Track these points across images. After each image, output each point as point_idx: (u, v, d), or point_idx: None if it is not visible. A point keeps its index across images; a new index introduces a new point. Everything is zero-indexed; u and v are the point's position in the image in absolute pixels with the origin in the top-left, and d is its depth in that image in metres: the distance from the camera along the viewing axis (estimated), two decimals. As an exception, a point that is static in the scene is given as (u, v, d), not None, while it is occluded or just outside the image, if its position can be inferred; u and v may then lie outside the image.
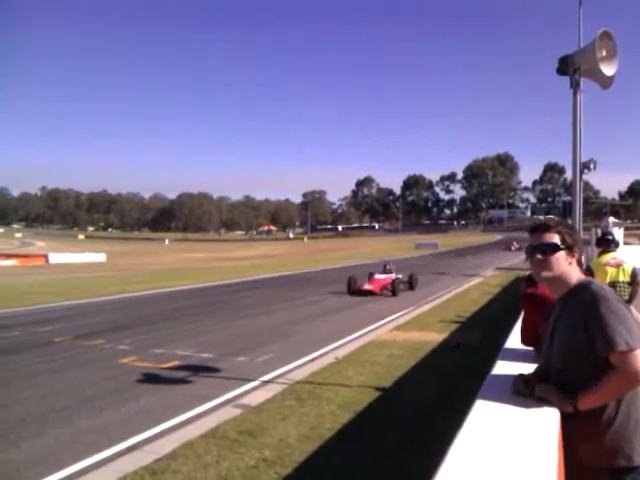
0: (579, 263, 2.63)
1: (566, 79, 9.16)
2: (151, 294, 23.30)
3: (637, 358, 2.20)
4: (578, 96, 9.12)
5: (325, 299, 20.27)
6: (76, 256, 60.19)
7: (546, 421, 2.22)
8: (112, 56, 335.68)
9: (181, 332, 13.47)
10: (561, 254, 2.53)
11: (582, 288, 2.46)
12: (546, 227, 2.60)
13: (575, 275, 2.55)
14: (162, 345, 11.55)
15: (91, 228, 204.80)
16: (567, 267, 2.54)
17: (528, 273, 3.81)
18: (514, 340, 4.23)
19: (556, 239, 2.55)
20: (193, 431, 6.41)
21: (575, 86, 9.08)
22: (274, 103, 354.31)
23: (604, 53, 8.70)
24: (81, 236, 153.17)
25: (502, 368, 3.17)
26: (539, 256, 2.56)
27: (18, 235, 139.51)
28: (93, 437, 6.37)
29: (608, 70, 8.78)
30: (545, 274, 2.56)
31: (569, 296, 2.52)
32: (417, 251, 69.37)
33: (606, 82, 8.98)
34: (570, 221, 10.48)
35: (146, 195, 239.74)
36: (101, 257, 61.43)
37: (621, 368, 2.23)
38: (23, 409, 7.49)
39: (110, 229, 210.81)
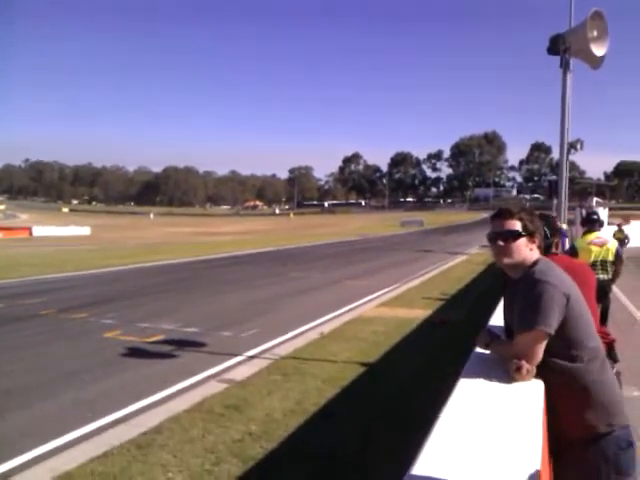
0: (539, 248, 2.69)
1: (556, 58, 9.16)
2: (136, 268, 23.21)
3: (526, 336, 2.41)
4: (568, 76, 9.13)
5: (310, 275, 20.29)
6: (61, 229, 59.85)
7: (530, 396, 2.24)
8: (100, 27, 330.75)
9: (166, 306, 13.46)
10: (522, 241, 2.60)
11: (531, 271, 2.55)
12: (508, 214, 2.66)
13: (532, 259, 2.62)
14: (147, 319, 11.54)
15: (75, 201, 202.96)
16: (528, 253, 2.62)
17: None
18: (498, 317, 4.26)
19: (518, 226, 2.62)
20: (179, 405, 6.44)
21: (565, 66, 9.08)
22: (260, 77, 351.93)
23: (595, 33, 8.68)
24: (65, 209, 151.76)
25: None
26: (500, 243, 2.63)
27: (1, 207, 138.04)
28: (78, 410, 6.38)
29: (599, 50, 8.77)
30: (506, 260, 2.64)
31: (521, 279, 2.60)
32: (403, 228, 69.52)
33: (596, 62, 8.97)
34: (556, 200, 10.55)
35: (131, 168, 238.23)
36: (86, 230, 61.14)
37: (515, 342, 2.47)
38: (8, 382, 7.48)
39: (95, 202, 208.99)
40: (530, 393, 2.28)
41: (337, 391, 6.87)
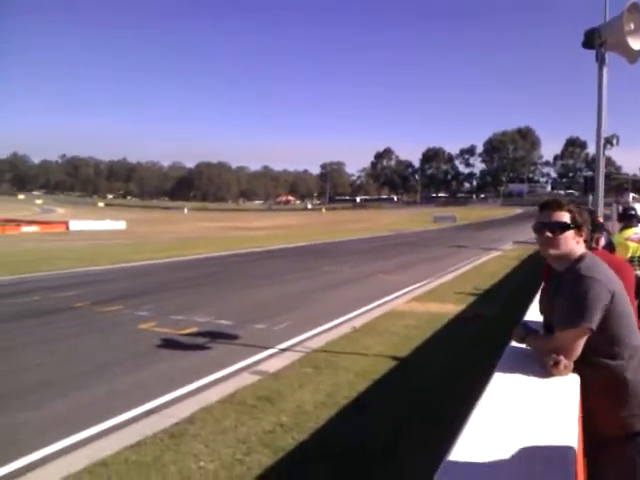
0: (585, 241, 2.67)
1: (592, 53, 8.98)
2: (170, 262, 23.47)
3: (568, 332, 2.40)
4: (603, 70, 8.94)
5: (342, 270, 20.26)
6: (96, 223, 60.70)
7: (566, 393, 2.21)
8: (133, 24, 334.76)
9: (199, 299, 13.59)
10: (569, 233, 2.58)
11: (577, 267, 2.52)
12: (557, 205, 2.65)
13: (579, 252, 2.59)
14: (181, 311, 11.66)
15: (111, 196, 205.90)
16: (574, 246, 2.59)
17: None
18: (534, 312, 4.21)
19: (566, 218, 2.59)
20: (211, 396, 6.50)
21: (601, 60, 8.90)
22: (292, 74, 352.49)
23: (632, 26, 8.49)
24: (101, 204, 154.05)
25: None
26: (548, 234, 2.61)
27: (38, 202, 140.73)
28: (112, 400, 6.48)
29: (636, 44, 8.57)
30: (552, 251, 2.62)
31: (566, 272, 2.57)
32: (435, 224, 69.06)
33: (633, 56, 8.77)
34: (592, 196, 10.37)
35: (165, 164, 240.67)
36: (121, 225, 61.85)
37: (555, 336, 2.46)
38: (44, 373, 7.63)
39: (129, 197, 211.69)
40: (566, 389, 2.25)
41: (368, 384, 6.86)
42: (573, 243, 2.58)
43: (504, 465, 1.58)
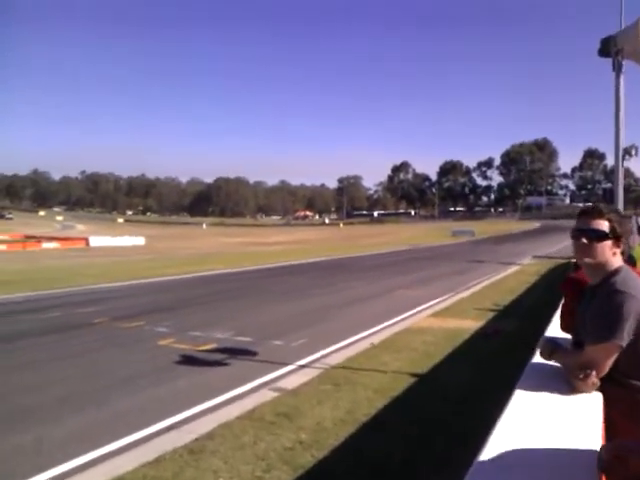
0: (623, 253, 2.57)
1: (608, 61, 8.93)
2: (189, 278, 23.58)
3: (598, 348, 2.35)
4: (620, 79, 8.89)
5: (361, 285, 20.23)
6: (116, 239, 61.21)
7: (589, 411, 2.19)
8: (149, 38, 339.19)
9: (218, 315, 13.64)
10: (607, 243, 2.48)
11: (612, 281, 2.44)
12: (598, 212, 2.53)
13: (615, 265, 2.50)
14: (200, 328, 11.71)
15: (130, 212, 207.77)
16: (610, 257, 2.49)
17: (574, 259, 3.79)
18: (554, 328, 4.18)
19: (605, 227, 2.48)
20: (230, 412, 6.51)
21: (617, 68, 8.84)
22: (309, 86, 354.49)
23: (647, 33, 8.45)
24: (120, 220, 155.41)
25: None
26: (584, 241, 2.51)
27: (59, 218, 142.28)
28: (132, 416, 6.51)
29: (653, 51, 8.53)
30: (587, 260, 2.52)
31: (601, 285, 2.49)
32: (454, 238, 68.76)
33: (649, 63, 8.72)
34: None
35: (183, 180, 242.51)
36: (140, 240, 62.31)
37: (585, 352, 2.42)
38: (64, 388, 7.71)
39: (148, 213, 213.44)
40: (589, 407, 2.23)
41: (388, 401, 6.83)
42: (610, 254, 2.48)
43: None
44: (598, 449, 1.81)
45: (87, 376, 8.35)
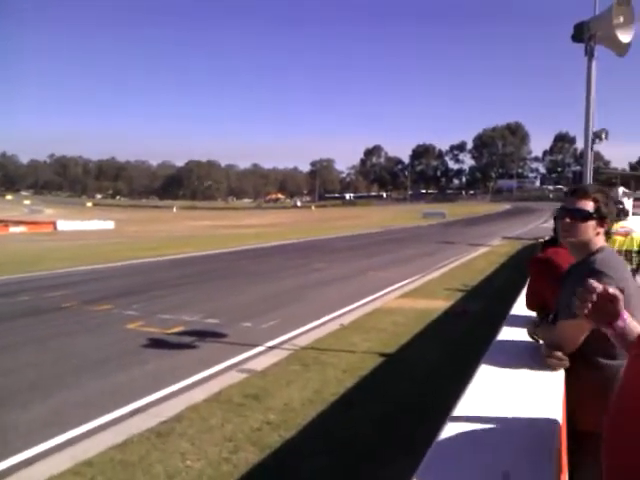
0: (607, 233, 2.62)
1: (581, 46, 8.99)
2: (159, 261, 23.36)
3: (570, 324, 2.35)
4: (593, 64, 8.96)
5: (333, 267, 20.25)
6: (84, 223, 60.31)
7: (550, 387, 2.20)
8: (120, 23, 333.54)
9: (187, 298, 13.53)
10: (591, 223, 2.53)
11: (591, 259, 2.48)
12: (583, 193, 2.59)
13: (598, 244, 2.55)
14: (169, 311, 11.62)
15: (99, 195, 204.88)
16: (593, 236, 2.54)
17: (542, 240, 3.85)
18: (520, 307, 4.21)
19: (590, 207, 2.54)
20: (198, 395, 6.49)
21: (590, 54, 8.90)
22: (282, 71, 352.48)
23: (621, 19, 8.50)
24: (89, 203, 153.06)
25: (508, 334, 3.16)
26: (568, 220, 2.56)
27: (27, 202, 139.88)
28: (100, 400, 6.46)
29: (625, 37, 8.59)
30: (570, 239, 2.58)
31: (581, 264, 2.54)
32: (425, 220, 69.16)
33: (622, 49, 8.78)
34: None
35: (154, 163, 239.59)
36: (109, 224, 61.46)
37: (559, 327, 2.46)
38: (32, 372, 7.61)
39: (118, 197, 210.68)
40: (550, 384, 2.24)
41: (356, 381, 6.86)
42: (593, 234, 2.54)
43: (488, 454, 1.57)
44: (558, 424, 1.81)
45: (55, 360, 8.23)
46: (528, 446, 1.65)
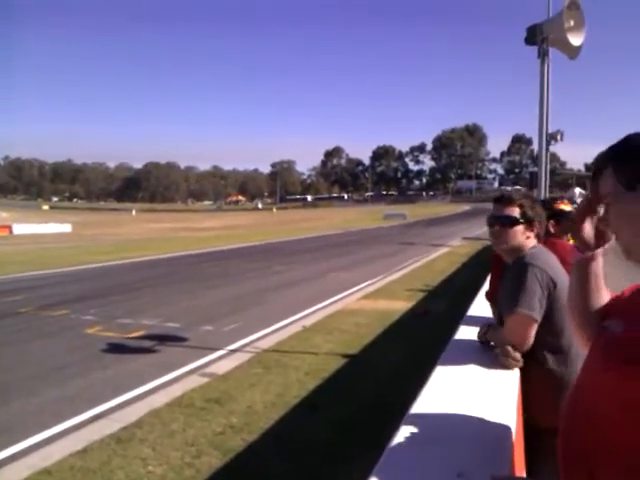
0: (538, 236, 2.72)
1: (535, 49, 9.17)
2: (117, 264, 23.00)
3: (511, 319, 2.47)
4: (546, 66, 9.15)
5: (294, 269, 20.25)
6: (41, 227, 59.04)
7: (505, 386, 2.24)
8: (76, 26, 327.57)
9: (147, 302, 13.37)
10: (519, 228, 2.64)
11: (522, 256, 2.59)
12: (508, 200, 2.70)
13: (528, 246, 2.65)
14: (128, 315, 11.46)
15: (55, 198, 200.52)
16: (523, 240, 2.65)
17: None
18: (478, 306, 4.29)
19: (516, 212, 2.64)
20: (159, 399, 6.43)
21: (543, 56, 9.10)
22: (242, 72, 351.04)
23: (572, 23, 8.71)
24: (45, 206, 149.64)
25: (465, 333, 3.21)
26: (497, 227, 2.68)
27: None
28: (59, 406, 6.34)
29: (575, 40, 8.80)
30: (502, 246, 2.70)
31: (513, 264, 2.64)
32: (386, 221, 69.57)
33: (573, 52, 9.01)
34: (536, 192, 10.61)
35: (112, 165, 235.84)
36: (66, 227, 60.30)
37: (504, 326, 2.52)
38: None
39: (75, 199, 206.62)
40: (505, 381, 2.29)
41: (319, 383, 6.88)
42: (522, 238, 2.64)
43: (443, 454, 1.60)
44: (512, 422, 1.85)
45: (11, 367, 8.04)
46: (483, 445, 1.68)
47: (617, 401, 1.07)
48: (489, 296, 3.79)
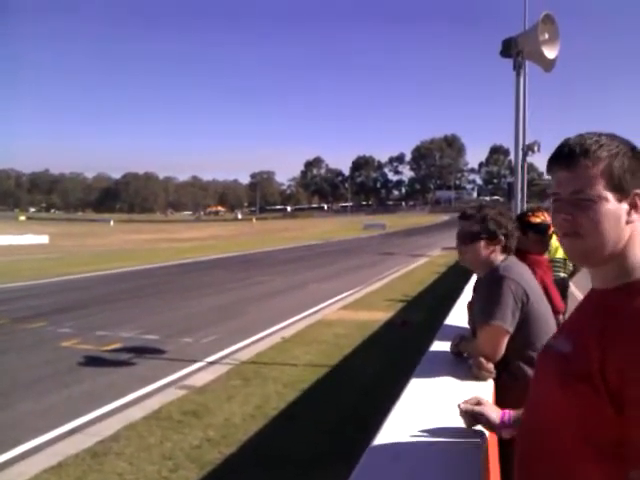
0: (505, 248, 2.68)
1: (510, 61, 9.28)
2: (95, 276, 22.78)
3: (484, 331, 2.48)
4: (521, 78, 9.25)
5: (274, 279, 20.20)
6: (17, 238, 58.35)
7: (479, 396, 2.24)
8: (53, 36, 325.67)
9: (125, 314, 13.25)
10: (480, 243, 2.63)
11: (493, 268, 2.60)
12: (468, 216, 2.71)
13: (498, 260, 2.64)
14: (105, 327, 11.34)
15: (33, 209, 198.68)
16: (488, 254, 2.64)
17: None
18: (454, 317, 4.30)
19: (476, 228, 2.64)
20: (136, 413, 6.36)
21: (518, 68, 9.20)
22: (222, 81, 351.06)
23: (546, 36, 8.83)
24: (22, 217, 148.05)
25: (440, 345, 3.21)
26: (459, 243, 2.71)
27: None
28: (34, 421, 6.25)
29: (550, 53, 8.92)
30: (464, 262, 2.76)
31: (485, 276, 2.66)
32: (365, 232, 69.76)
33: (548, 65, 9.12)
34: (513, 202, 10.69)
35: (90, 175, 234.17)
36: (44, 239, 59.65)
37: (477, 337, 2.55)
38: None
39: (53, 210, 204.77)
40: (479, 392, 2.27)
41: (298, 394, 6.86)
42: (487, 252, 2.63)
43: (417, 467, 1.60)
44: (486, 433, 1.86)
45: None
46: (456, 457, 1.68)
47: (556, 415, 1.11)
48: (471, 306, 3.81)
